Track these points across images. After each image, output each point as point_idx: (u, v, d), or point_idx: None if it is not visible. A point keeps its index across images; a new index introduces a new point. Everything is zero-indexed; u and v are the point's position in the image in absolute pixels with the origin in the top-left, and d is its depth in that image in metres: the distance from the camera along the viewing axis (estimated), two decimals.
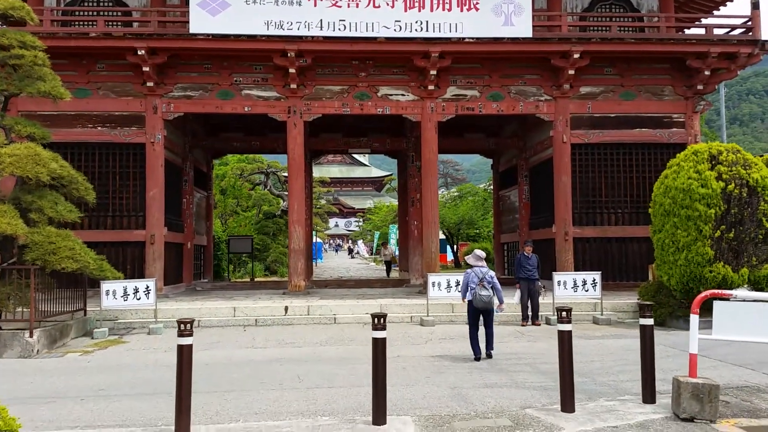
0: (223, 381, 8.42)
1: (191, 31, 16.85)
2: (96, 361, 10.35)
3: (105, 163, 17.87)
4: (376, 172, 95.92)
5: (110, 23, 17.80)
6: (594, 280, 14.24)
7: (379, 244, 52.97)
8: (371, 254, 64.11)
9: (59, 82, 13.20)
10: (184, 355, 5.33)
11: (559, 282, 14.11)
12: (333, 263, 51.76)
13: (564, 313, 6.20)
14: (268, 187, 38.29)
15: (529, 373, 8.75)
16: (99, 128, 17.76)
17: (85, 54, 17.44)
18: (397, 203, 48.38)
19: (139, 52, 16.74)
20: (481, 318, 9.96)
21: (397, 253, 33.60)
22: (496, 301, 9.91)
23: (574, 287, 14.15)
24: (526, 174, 21.89)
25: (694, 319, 6.17)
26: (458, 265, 37.58)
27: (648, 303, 6.66)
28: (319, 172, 63.12)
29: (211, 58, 17.83)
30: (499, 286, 10.02)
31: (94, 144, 17.78)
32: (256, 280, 27.46)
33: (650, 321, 6.60)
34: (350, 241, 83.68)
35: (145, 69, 17.12)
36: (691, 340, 6.16)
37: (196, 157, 22.17)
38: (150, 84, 17.51)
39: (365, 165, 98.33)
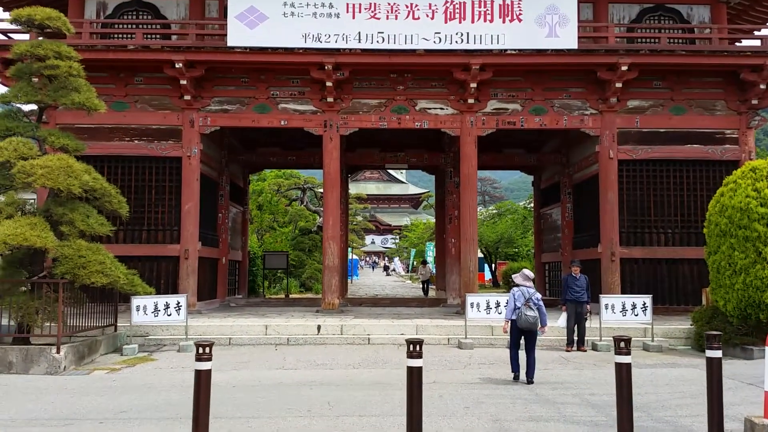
0: (248, 405, 7.95)
1: (229, 43, 16.69)
2: (122, 380, 10.01)
3: (141, 177, 17.78)
4: (413, 189, 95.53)
5: (149, 36, 17.76)
6: (644, 303, 13.41)
7: (416, 261, 52.30)
8: (407, 272, 63.43)
9: (94, 94, 13.08)
10: (202, 382, 4.87)
11: (606, 305, 13.32)
12: (369, 280, 51.28)
13: (623, 344, 5.52)
14: (305, 203, 38.12)
15: (578, 406, 8.06)
16: (136, 141, 17.70)
17: (123, 67, 17.44)
18: (434, 220, 47.65)
19: (176, 65, 16.64)
20: (522, 341, 9.82)
21: (434, 271, 32.93)
22: (539, 325, 9.76)
23: (622, 311, 13.34)
24: (569, 191, 21.10)
25: None
26: (496, 284, 36.69)
27: (715, 333, 5.96)
28: (356, 188, 63.03)
29: (248, 71, 17.65)
30: (544, 308, 9.88)
31: (131, 157, 17.72)
32: (290, 296, 27.10)
33: (718, 353, 5.90)
34: (386, 258, 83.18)
35: (183, 82, 17.00)
36: (766, 377, 5.44)
37: (232, 172, 22.02)
38: (187, 97, 17.39)
39: (402, 182, 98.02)
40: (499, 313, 13.35)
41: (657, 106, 17.79)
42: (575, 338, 12.97)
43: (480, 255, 36.19)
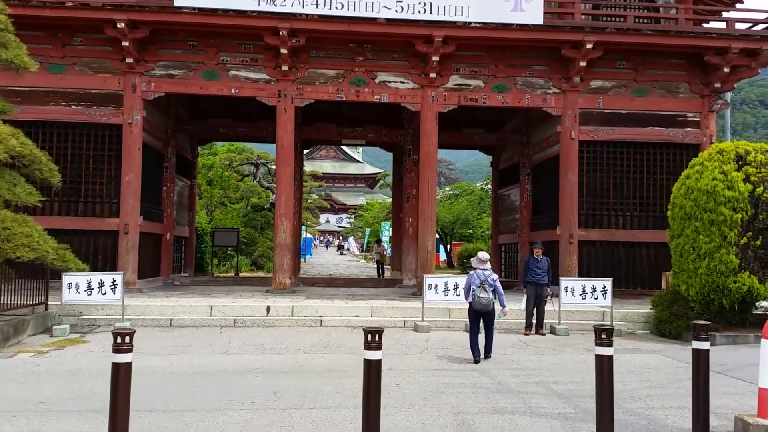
0: (185, 396, 7.17)
1: (176, 3, 15.54)
2: (48, 365, 9.07)
3: (78, 145, 16.54)
4: (369, 169, 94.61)
5: None
6: (604, 287, 13.07)
7: (371, 241, 51.62)
8: (362, 251, 62.84)
9: (24, 50, 11.90)
10: (120, 378, 4.08)
11: (566, 288, 12.93)
12: (323, 260, 50.48)
13: (604, 335, 4.95)
14: (258, 179, 36.97)
15: (543, 396, 7.55)
16: (73, 107, 16.42)
17: (61, 26, 16.11)
18: (390, 200, 47.00)
19: (118, 25, 15.42)
20: (482, 322, 9.86)
21: (389, 251, 32.36)
22: (498, 306, 9.86)
23: (582, 294, 12.97)
24: (529, 172, 20.69)
25: (765, 345, 4.96)
26: (451, 265, 36.39)
27: (703, 323, 5.46)
28: (311, 167, 61.86)
29: (197, 34, 16.53)
30: (501, 289, 9.86)
31: (68, 123, 16.45)
32: (240, 275, 26.16)
33: (706, 345, 5.40)
34: (341, 238, 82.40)
35: (125, 44, 15.80)
36: (761, 373, 4.96)
37: (179, 143, 20.84)
38: (129, 60, 16.19)
39: (358, 161, 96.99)
40: (458, 295, 12.82)
41: (620, 86, 17.44)
42: (534, 321, 12.53)
43: (436, 236, 35.73)
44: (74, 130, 16.50)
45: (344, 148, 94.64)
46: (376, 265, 28.16)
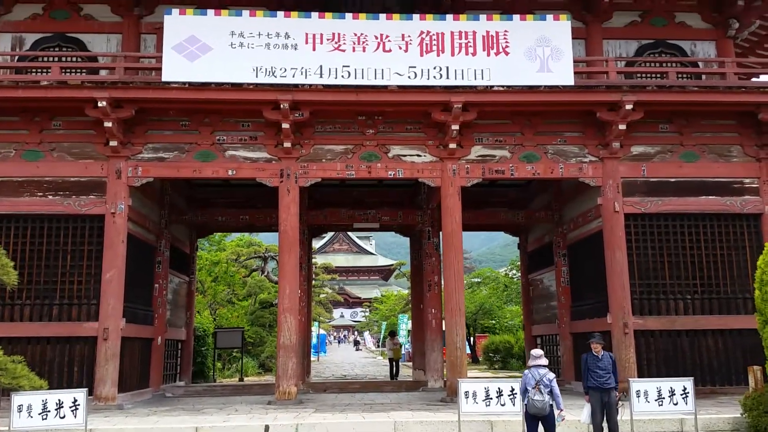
0: None
1: (164, 78, 14.00)
2: None
3: (55, 240, 14.52)
4: (382, 261, 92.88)
5: (69, 71, 14.90)
6: (684, 389, 10.51)
7: (386, 335, 48.34)
8: (378, 347, 59.54)
9: None
10: None
11: (638, 392, 10.36)
12: (337, 357, 47.44)
13: None
14: (266, 273, 34.86)
15: None
16: (50, 197, 14.60)
17: (38, 108, 14.55)
18: (406, 291, 44.50)
19: (100, 104, 13.80)
20: (541, 428, 9.07)
21: (408, 347, 29.58)
22: (555, 409, 9.02)
23: (658, 399, 10.40)
24: (564, 252, 18.36)
25: None
26: (476, 360, 33.44)
27: None
28: (323, 260, 59.88)
29: (189, 112, 14.89)
30: (557, 390, 9.07)
31: (44, 216, 14.54)
32: (246, 380, 23.55)
33: None
34: (356, 333, 79.19)
35: (108, 125, 14.13)
36: None
37: (175, 235, 18.86)
38: (114, 143, 14.49)
39: (371, 253, 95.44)
40: (502, 405, 10.32)
41: (665, 152, 15.45)
42: None
43: (465, 329, 32.89)
44: (51, 223, 14.56)
45: (356, 240, 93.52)
46: (389, 364, 24.75)
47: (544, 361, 9.22)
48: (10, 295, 13.79)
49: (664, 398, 10.42)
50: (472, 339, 35.67)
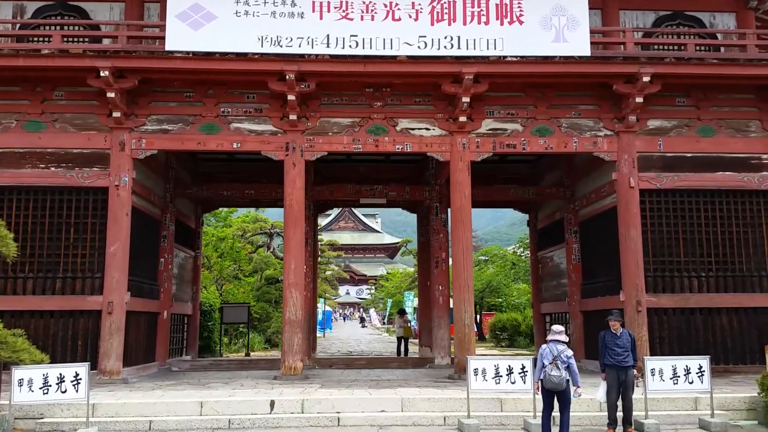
0: None
1: (167, 47, 13.65)
2: None
3: (58, 213, 14.28)
4: (388, 239, 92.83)
5: (70, 39, 14.55)
6: (700, 367, 10.24)
7: (392, 312, 48.22)
8: (383, 323, 59.54)
9: None
10: None
11: (653, 370, 10.10)
12: (343, 333, 47.48)
13: None
14: (272, 249, 34.70)
15: None
16: (53, 169, 14.32)
17: (39, 78, 14.22)
18: (411, 269, 44.27)
19: (102, 74, 13.45)
20: (556, 401, 9.00)
21: (415, 324, 29.40)
22: (571, 386, 8.96)
23: (673, 377, 10.14)
24: (576, 230, 18.01)
25: None
26: (482, 338, 33.26)
27: None
28: (329, 237, 59.75)
29: (194, 83, 14.54)
30: (575, 367, 9.01)
31: (46, 188, 14.27)
32: (252, 354, 23.45)
33: None
34: (361, 310, 79.34)
35: (111, 95, 13.79)
36: None
37: (180, 209, 18.60)
38: (117, 114, 14.16)
39: (377, 231, 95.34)
40: (512, 383, 10.08)
41: (682, 126, 15.03)
42: (619, 414, 9.61)
43: (473, 306, 32.67)
44: (53, 196, 14.31)
45: (362, 218, 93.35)
46: (397, 343, 24.46)
47: (564, 338, 9.05)
48: (12, 268, 13.61)
49: (679, 377, 10.16)
50: (478, 317, 35.50)
